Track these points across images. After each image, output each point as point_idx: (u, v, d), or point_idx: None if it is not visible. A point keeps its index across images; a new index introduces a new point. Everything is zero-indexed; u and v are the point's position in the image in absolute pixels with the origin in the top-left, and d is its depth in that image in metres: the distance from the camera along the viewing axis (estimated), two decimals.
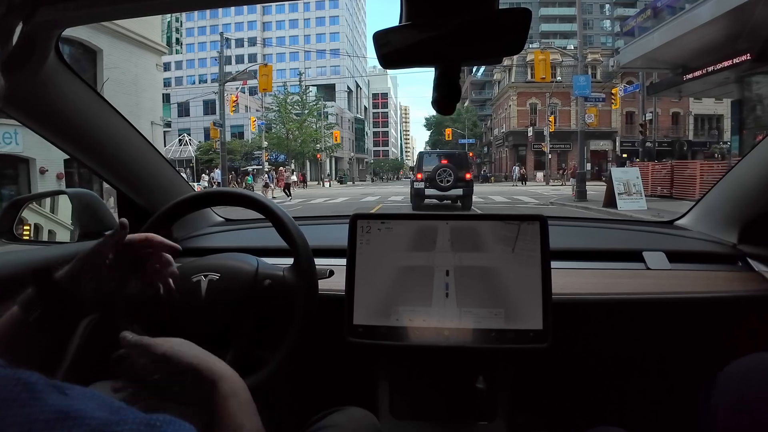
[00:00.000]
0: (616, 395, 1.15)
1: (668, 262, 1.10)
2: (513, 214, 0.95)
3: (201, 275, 0.84)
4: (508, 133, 35.24)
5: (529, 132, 31.76)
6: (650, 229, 1.34)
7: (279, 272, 0.85)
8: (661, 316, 1.06)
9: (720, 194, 1.20)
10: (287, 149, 32.43)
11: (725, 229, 1.16)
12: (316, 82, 52.48)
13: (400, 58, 0.55)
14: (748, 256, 1.10)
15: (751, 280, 1.04)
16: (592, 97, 14.40)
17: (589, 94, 13.21)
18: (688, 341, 1.08)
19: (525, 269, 0.91)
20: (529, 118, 33.71)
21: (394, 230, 0.95)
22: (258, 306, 0.82)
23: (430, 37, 0.53)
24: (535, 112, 33.90)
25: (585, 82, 12.66)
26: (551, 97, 29.95)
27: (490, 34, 0.52)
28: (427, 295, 0.92)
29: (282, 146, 32.49)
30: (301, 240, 0.83)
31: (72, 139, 0.99)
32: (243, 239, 1.32)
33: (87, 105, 0.95)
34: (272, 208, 0.85)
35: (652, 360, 1.12)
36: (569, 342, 0.98)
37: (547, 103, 29.87)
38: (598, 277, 1.08)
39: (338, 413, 0.79)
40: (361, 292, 0.93)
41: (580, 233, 1.35)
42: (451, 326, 0.91)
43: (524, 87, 34.09)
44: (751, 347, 0.76)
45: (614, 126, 33.31)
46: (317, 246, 0.91)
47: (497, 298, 0.91)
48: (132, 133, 1.08)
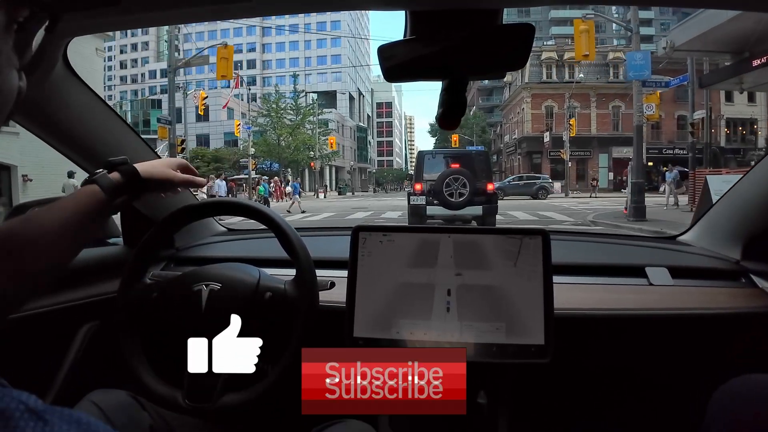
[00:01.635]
0: (617, 411, 1.17)
1: (671, 278, 1.11)
2: (515, 228, 0.97)
3: (202, 284, 0.85)
4: (521, 139, 32.20)
5: (545, 138, 28.69)
6: (653, 244, 1.34)
7: (280, 285, 0.87)
8: (663, 332, 1.06)
9: (723, 210, 1.22)
10: (279, 157, 29.58)
11: (728, 245, 1.16)
12: (317, 89, 50.26)
13: (404, 72, 0.57)
14: (752, 272, 1.10)
15: (755, 297, 1.05)
16: (652, 80, 10.81)
17: (648, 76, 9.72)
18: (691, 357, 1.09)
19: (527, 284, 0.92)
20: (544, 123, 30.67)
21: (396, 243, 0.96)
22: (258, 318, 0.83)
23: (433, 51, 0.54)
24: (552, 115, 30.84)
25: (642, 59, 9.13)
26: (570, 99, 26.61)
27: (493, 49, 0.54)
28: (428, 309, 0.93)
29: (273, 154, 29.74)
30: (303, 252, 0.85)
31: (78, 146, 1.01)
32: (245, 249, 1.34)
33: (93, 113, 0.98)
34: (275, 219, 0.87)
35: (654, 376, 1.13)
36: (571, 357, 0.99)
37: (565, 105, 26.54)
38: (600, 292, 1.08)
39: (338, 425, 0.80)
40: (361, 305, 0.94)
41: (583, 248, 1.35)
42: (452, 340, 0.91)
43: (539, 88, 31.16)
44: (754, 364, 0.77)
45: None
46: (319, 257, 0.93)
47: (499, 312, 0.91)
48: (137, 141, 1.10)
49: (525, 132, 31.77)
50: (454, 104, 0.57)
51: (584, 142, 28.55)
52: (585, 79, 27.32)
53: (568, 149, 24.65)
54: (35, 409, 0.26)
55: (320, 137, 32.82)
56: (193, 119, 42.75)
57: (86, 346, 1.00)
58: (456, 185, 6.85)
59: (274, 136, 30.13)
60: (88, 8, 0.67)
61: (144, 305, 0.87)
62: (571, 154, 25.90)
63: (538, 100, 31.32)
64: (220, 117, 35.94)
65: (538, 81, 31.04)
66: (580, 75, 27.24)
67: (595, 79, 28.88)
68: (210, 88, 45.85)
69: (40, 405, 0.26)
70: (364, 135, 62.50)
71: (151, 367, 0.85)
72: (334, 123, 44.67)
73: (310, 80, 53.09)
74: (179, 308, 0.85)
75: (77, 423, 0.27)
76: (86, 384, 0.85)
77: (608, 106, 30.23)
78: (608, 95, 29.94)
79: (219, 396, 0.80)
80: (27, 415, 0.25)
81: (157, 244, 0.94)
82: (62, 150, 0.99)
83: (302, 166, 32.93)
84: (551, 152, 29.05)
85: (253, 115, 30.61)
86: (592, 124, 30.11)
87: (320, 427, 0.81)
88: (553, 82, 30.84)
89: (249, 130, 26.19)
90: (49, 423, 0.26)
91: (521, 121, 32.42)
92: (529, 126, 31.45)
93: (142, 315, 0.87)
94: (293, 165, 31.98)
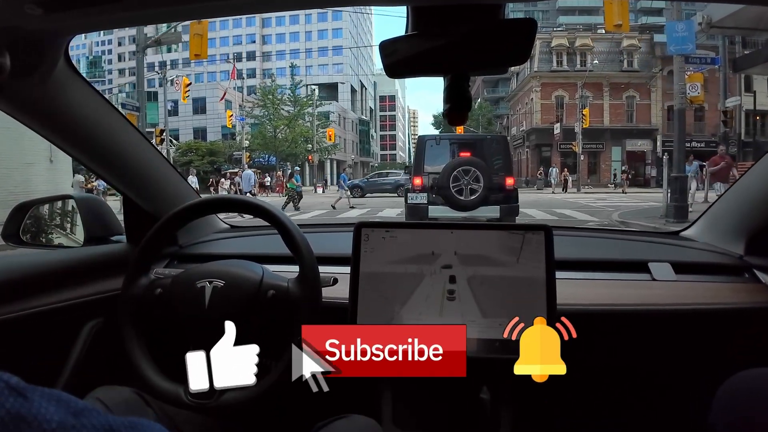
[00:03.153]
0: (620, 406, 1.18)
1: (674, 273, 1.11)
2: (518, 224, 1.00)
3: (206, 281, 0.87)
4: (530, 131, 31.09)
5: (556, 129, 27.45)
6: (656, 239, 1.35)
7: (283, 283, 0.88)
8: (666, 327, 1.08)
9: (726, 205, 1.24)
10: (275, 150, 28.26)
11: (732, 241, 1.17)
12: (318, 81, 49.00)
13: (406, 68, 0.57)
14: (755, 267, 1.11)
15: (758, 292, 1.06)
16: (697, 56, 9.09)
17: (692, 50, 7.94)
18: (694, 353, 1.11)
19: (530, 279, 0.93)
20: (554, 114, 29.41)
21: (399, 239, 0.97)
22: (261, 316, 0.86)
23: (435, 46, 0.54)
24: (562, 106, 29.68)
25: (685, 30, 7.37)
26: (583, 88, 24.98)
27: (495, 44, 0.54)
28: (431, 305, 0.94)
29: (269, 147, 28.43)
30: (306, 249, 0.86)
31: (81, 144, 1.02)
32: (248, 246, 1.36)
33: (95, 111, 0.99)
34: (278, 216, 0.88)
35: (657, 371, 1.14)
36: (574, 353, 0.98)
37: (578, 95, 24.93)
38: (602, 287, 1.10)
39: (342, 420, 0.81)
40: (364, 301, 0.95)
41: (585, 243, 1.36)
42: None
43: (549, 77, 29.95)
44: (757, 360, 0.78)
45: (654, 123, 28.49)
46: (321, 254, 0.95)
47: (501, 308, 0.92)
48: (139, 139, 1.13)
49: (534, 123, 30.70)
50: (460, 99, 0.57)
51: (596, 134, 27.57)
52: (599, 68, 25.61)
53: (580, 141, 23.17)
54: (16, 387, 0.27)
55: (318, 129, 31.95)
56: (190, 112, 41.89)
57: (90, 344, 1.03)
58: (466, 179, 5.35)
59: (271, 129, 29.16)
60: (89, 5, 0.67)
61: (147, 301, 0.89)
62: (582, 147, 24.81)
63: (548, 90, 30.22)
64: (217, 110, 34.88)
65: (549, 69, 30.00)
66: (595, 61, 25.58)
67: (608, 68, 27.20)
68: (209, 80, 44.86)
69: (21, 384, 0.27)
70: (367, 128, 61.88)
71: (154, 363, 0.87)
72: (335, 115, 44.28)
73: (311, 72, 52.07)
74: (182, 305, 0.86)
75: (57, 400, 0.28)
76: (91, 381, 0.88)
77: (622, 97, 29.18)
78: (622, 85, 28.38)
79: (221, 393, 0.82)
80: (6, 391, 0.26)
81: (160, 241, 0.95)
82: (64, 147, 1.00)
83: (300, 159, 31.61)
84: (562, 144, 28.17)
85: (249, 106, 29.33)
86: (604, 116, 28.76)
87: (323, 422, 0.82)
88: (564, 70, 29.43)
89: (242, 121, 25.37)
90: (29, 399, 0.27)
91: (530, 112, 31.43)
92: (538, 117, 30.36)
93: (145, 311, 0.89)
94: (291, 158, 30.70)
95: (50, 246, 1.35)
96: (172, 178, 1.25)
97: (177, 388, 0.83)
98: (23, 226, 1.19)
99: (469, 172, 5.41)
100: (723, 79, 13.33)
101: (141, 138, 1.13)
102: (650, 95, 28.87)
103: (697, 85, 9.96)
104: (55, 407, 0.28)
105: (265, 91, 30.26)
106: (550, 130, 28.28)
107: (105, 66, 55.61)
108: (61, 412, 0.28)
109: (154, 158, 1.18)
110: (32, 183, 11.33)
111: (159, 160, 1.20)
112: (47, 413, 0.27)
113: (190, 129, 41.87)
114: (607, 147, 28.97)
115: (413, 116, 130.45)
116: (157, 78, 16.78)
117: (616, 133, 28.78)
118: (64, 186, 12.50)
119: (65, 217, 1.38)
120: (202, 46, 10.85)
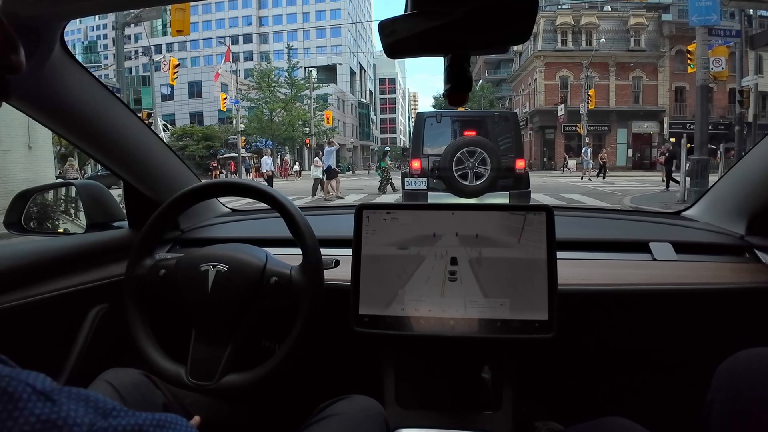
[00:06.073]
0: (621, 386, 1.21)
1: (675, 253, 1.12)
2: (519, 205, 1.03)
3: (209, 264, 0.87)
4: (533, 112, 30.73)
5: (560, 111, 27.02)
6: (657, 219, 1.37)
7: (286, 270, 0.88)
8: (667, 307, 1.09)
9: (728, 185, 1.25)
10: (272, 134, 28.01)
11: (733, 221, 1.19)
12: (316, 63, 48.23)
13: (406, 48, 0.57)
14: (756, 247, 1.12)
15: (759, 272, 1.07)
16: (720, 29, 8.45)
17: (717, 21, 7.34)
18: (694, 332, 1.12)
19: (531, 259, 0.94)
20: (558, 95, 28.95)
21: (400, 220, 0.98)
22: (263, 301, 0.87)
23: (435, 25, 0.54)
24: (567, 86, 29.26)
25: (709, 0, 6.89)
26: (588, 68, 24.61)
27: (496, 22, 0.54)
28: (433, 286, 0.95)
29: (266, 130, 28.17)
30: (308, 232, 0.87)
31: (79, 130, 1.02)
32: (249, 230, 1.37)
33: (93, 97, 0.99)
34: (280, 199, 0.89)
35: (657, 351, 1.16)
36: (574, 332, 1.02)
37: (583, 75, 24.58)
38: (603, 267, 1.11)
39: (344, 401, 0.83)
40: (366, 282, 0.96)
41: (586, 223, 1.37)
42: (456, 316, 0.94)
43: (554, 56, 29.44)
44: (757, 339, 0.79)
45: (661, 104, 28.16)
46: (323, 236, 0.95)
47: (503, 288, 0.94)
48: (138, 124, 1.13)
49: (537, 105, 30.31)
50: (461, 79, 0.57)
51: (602, 115, 27.19)
52: (605, 47, 25.19)
53: (585, 123, 22.94)
54: (43, 391, 0.27)
55: (316, 112, 31.56)
56: (186, 96, 41.45)
57: (96, 328, 1.04)
58: (471, 161, 4.78)
59: (267, 112, 28.87)
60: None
61: (151, 282, 0.90)
62: (587, 129, 24.49)
63: (553, 70, 29.69)
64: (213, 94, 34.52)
65: (553, 49, 29.41)
66: (602, 40, 25.12)
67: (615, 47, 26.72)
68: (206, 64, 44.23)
69: (48, 385, 0.28)
70: (366, 111, 60.96)
71: (157, 344, 0.89)
72: (333, 98, 43.58)
73: (309, 54, 51.26)
74: (186, 287, 0.87)
75: (86, 401, 0.29)
76: (99, 365, 0.89)
77: (629, 77, 28.71)
78: (629, 65, 27.97)
79: (221, 375, 0.84)
80: (34, 396, 0.26)
81: (162, 225, 0.96)
82: (62, 133, 1.00)
83: (298, 143, 31.37)
84: (566, 126, 27.78)
85: (244, 89, 28.96)
86: (610, 96, 28.41)
87: (326, 402, 0.83)
88: (569, 49, 28.93)
89: (236, 104, 25.20)
90: (57, 403, 0.27)
91: (533, 92, 30.97)
92: (542, 98, 29.93)
93: (149, 292, 0.90)
94: (288, 142, 30.48)
95: (53, 233, 1.36)
96: (172, 163, 1.25)
97: (179, 369, 0.85)
98: (25, 214, 1.20)
99: (475, 153, 4.82)
100: (739, 57, 12.93)
101: (140, 123, 1.13)
102: (658, 76, 28.46)
103: (722, 60, 9.32)
104: (84, 409, 0.28)
105: (262, 74, 29.85)
106: (554, 111, 27.89)
107: (101, 51, 54.88)
108: (90, 413, 0.28)
109: (153, 143, 1.18)
110: (10, 171, 11.13)
111: (159, 146, 1.20)
112: (77, 416, 0.27)
113: (187, 113, 41.49)
114: (612, 129, 28.63)
115: (414, 99, 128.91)
116: (152, 63, 16.42)
117: (622, 115, 28.46)
118: (45, 174, 12.25)
119: (67, 204, 1.39)
120: (185, 22, 10.24)
